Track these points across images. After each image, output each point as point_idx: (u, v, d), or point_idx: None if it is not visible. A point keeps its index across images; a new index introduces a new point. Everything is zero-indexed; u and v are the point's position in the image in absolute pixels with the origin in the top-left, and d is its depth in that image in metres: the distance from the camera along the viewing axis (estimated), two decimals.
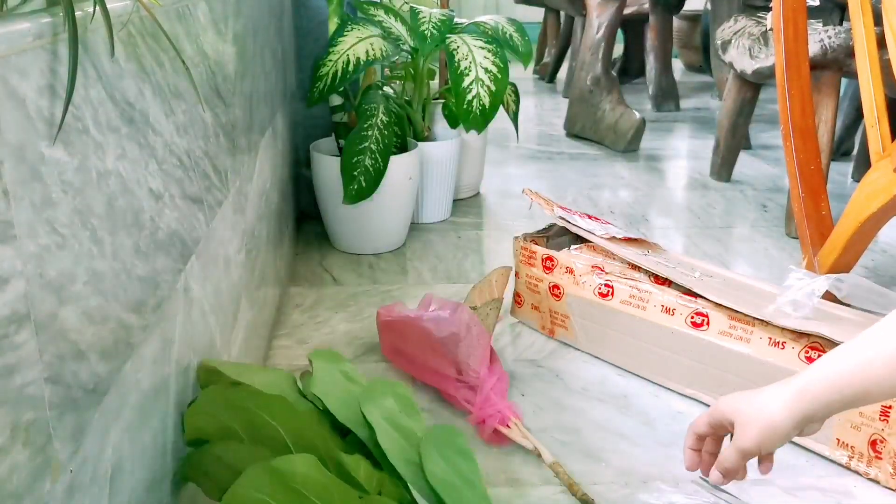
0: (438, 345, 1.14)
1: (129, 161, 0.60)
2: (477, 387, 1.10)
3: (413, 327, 1.19)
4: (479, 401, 1.08)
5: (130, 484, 0.60)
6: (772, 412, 0.73)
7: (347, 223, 1.72)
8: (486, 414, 1.07)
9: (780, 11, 1.54)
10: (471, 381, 1.11)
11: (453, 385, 1.13)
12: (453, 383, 1.13)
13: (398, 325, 1.23)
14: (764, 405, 0.74)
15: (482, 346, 1.13)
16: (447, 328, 1.13)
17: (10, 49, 0.43)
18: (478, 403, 1.08)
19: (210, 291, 0.87)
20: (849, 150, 2.53)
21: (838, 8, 2.13)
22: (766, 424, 0.73)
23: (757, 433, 0.74)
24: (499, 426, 1.07)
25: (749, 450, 0.75)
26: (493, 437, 1.07)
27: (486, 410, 1.07)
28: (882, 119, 1.28)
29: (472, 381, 1.11)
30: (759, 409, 0.74)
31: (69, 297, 0.49)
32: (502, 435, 1.07)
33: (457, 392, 1.12)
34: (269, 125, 1.39)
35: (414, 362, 1.21)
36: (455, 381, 1.13)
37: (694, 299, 1.19)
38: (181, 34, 0.78)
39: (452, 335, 1.12)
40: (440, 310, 1.18)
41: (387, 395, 0.83)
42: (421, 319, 1.18)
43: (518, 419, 1.07)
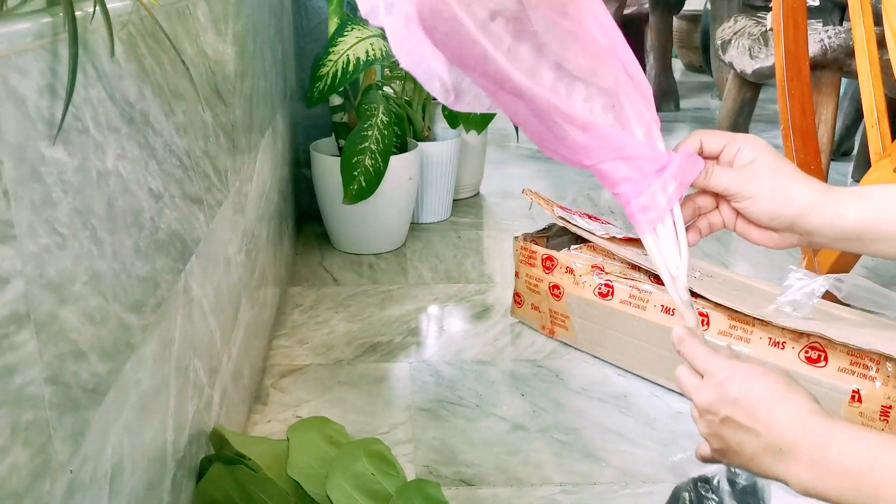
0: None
1: (129, 161, 0.60)
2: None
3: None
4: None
5: (130, 484, 0.60)
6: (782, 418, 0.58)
7: (347, 223, 1.72)
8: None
9: (780, 11, 1.54)
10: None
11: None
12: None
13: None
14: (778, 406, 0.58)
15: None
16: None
17: (10, 49, 0.43)
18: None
19: (210, 291, 0.87)
20: (849, 150, 2.53)
21: (838, 8, 2.13)
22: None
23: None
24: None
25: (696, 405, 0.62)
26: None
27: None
28: (882, 119, 1.28)
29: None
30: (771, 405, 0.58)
31: (69, 297, 0.49)
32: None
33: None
34: (269, 125, 1.39)
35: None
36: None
37: (694, 299, 1.19)
38: (181, 34, 0.78)
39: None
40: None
41: (358, 458, 0.85)
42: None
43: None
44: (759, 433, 0.58)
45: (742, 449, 0.60)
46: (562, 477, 1.02)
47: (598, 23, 0.59)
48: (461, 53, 0.58)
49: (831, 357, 1.06)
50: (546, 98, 0.59)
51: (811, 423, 0.56)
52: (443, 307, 1.50)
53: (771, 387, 0.59)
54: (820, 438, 0.55)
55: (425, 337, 1.39)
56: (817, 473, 0.54)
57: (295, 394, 1.20)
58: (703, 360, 0.63)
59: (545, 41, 0.58)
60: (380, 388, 1.22)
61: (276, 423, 1.12)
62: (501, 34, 0.58)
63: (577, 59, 0.59)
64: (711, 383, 0.61)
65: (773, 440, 0.57)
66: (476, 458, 1.05)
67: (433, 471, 1.03)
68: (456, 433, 1.11)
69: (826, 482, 0.54)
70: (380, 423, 1.13)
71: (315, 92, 1.62)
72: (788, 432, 0.56)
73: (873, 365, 1.03)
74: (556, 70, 0.59)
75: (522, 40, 0.58)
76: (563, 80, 0.60)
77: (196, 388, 0.81)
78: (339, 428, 0.93)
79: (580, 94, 0.60)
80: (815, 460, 0.54)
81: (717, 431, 0.61)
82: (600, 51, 0.59)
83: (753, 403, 0.59)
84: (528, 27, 0.58)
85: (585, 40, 0.59)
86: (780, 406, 0.58)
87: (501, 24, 0.57)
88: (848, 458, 0.53)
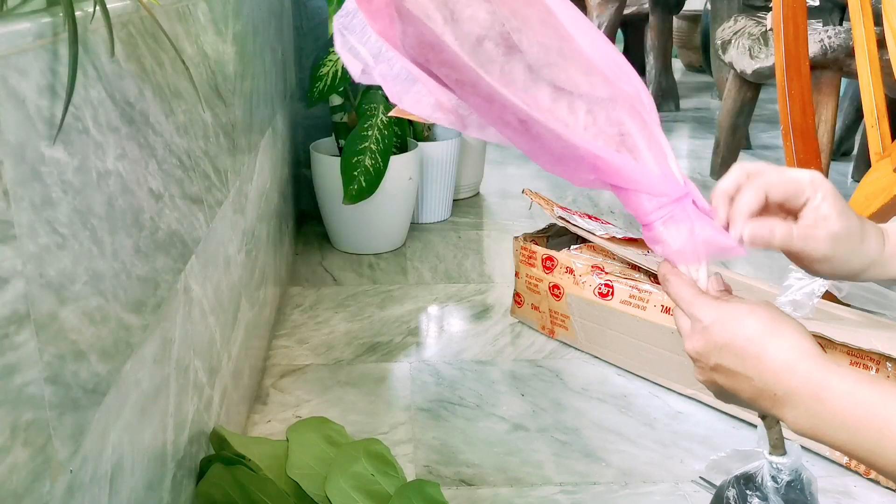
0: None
1: (129, 161, 0.60)
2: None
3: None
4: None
5: (130, 484, 0.60)
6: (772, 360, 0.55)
7: (347, 223, 1.72)
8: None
9: (780, 11, 1.54)
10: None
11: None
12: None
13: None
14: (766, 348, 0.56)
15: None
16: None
17: (10, 49, 0.43)
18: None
19: (210, 291, 0.87)
20: (849, 150, 2.53)
21: (838, 8, 2.13)
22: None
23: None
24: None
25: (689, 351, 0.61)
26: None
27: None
28: (882, 119, 1.28)
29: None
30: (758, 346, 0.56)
31: (69, 297, 0.49)
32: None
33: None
34: (269, 125, 1.39)
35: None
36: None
37: None
38: (181, 34, 0.78)
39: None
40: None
41: (358, 458, 0.85)
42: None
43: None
44: (751, 378, 0.57)
45: (738, 393, 0.59)
46: (562, 477, 1.02)
47: (588, 37, 0.58)
48: (455, 78, 0.57)
49: (831, 357, 1.06)
50: (545, 119, 0.57)
51: (805, 369, 0.54)
52: (443, 307, 1.50)
53: (756, 327, 0.57)
54: (815, 388, 0.54)
55: (425, 337, 1.39)
56: (815, 423, 0.54)
57: (295, 394, 1.20)
58: (687, 304, 0.61)
59: (538, 62, 0.57)
60: (380, 388, 1.22)
61: (276, 423, 1.12)
62: (492, 58, 0.56)
63: (574, 76, 0.58)
64: (697, 329, 0.60)
65: (766, 386, 0.56)
66: (476, 458, 1.05)
67: (433, 471, 1.03)
68: (456, 433, 1.11)
69: (825, 432, 0.54)
70: (380, 423, 1.13)
71: (315, 92, 1.62)
72: (782, 379, 0.55)
73: (873, 365, 1.03)
74: (553, 89, 0.58)
75: (514, 61, 0.57)
76: (562, 99, 0.58)
77: (196, 388, 0.81)
78: (339, 428, 0.93)
79: (581, 110, 0.59)
80: (811, 410, 0.54)
81: (711, 378, 0.60)
82: (596, 65, 0.58)
83: (741, 347, 0.57)
84: (518, 49, 0.57)
85: (579, 56, 0.57)
86: (770, 349, 0.56)
87: (491, 47, 0.56)
88: (846, 412, 0.52)
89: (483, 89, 0.57)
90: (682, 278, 0.62)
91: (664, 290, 0.63)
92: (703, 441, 1.08)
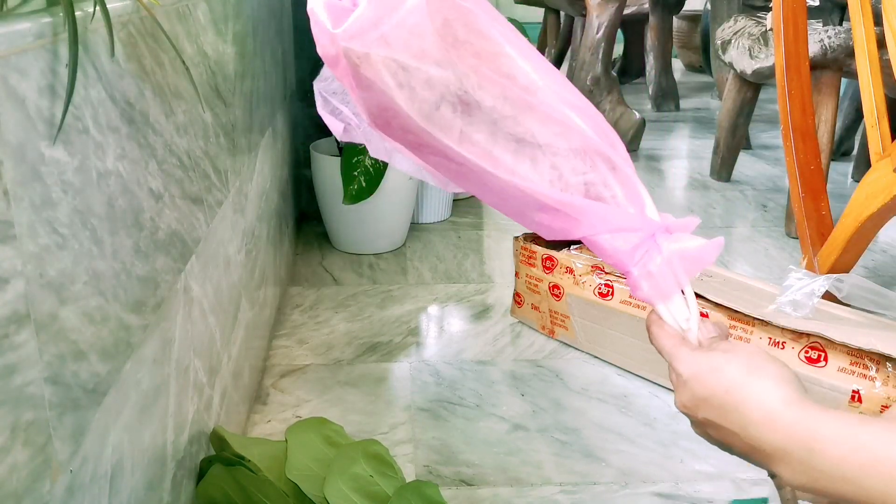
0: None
1: (129, 161, 0.60)
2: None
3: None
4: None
5: (130, 484, 0.60)
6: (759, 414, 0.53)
7: (347, 223, 1.72)
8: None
9: (780, 11, 1.54)
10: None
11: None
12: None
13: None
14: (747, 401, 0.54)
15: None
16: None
17: (10, 49, 0.43)
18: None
19: (210, 291, 0.87)
20: (849, 150, 2.53)
21: (838, 8, 2.13)
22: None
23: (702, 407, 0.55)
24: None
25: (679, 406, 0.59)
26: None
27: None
28: (882, 119, 1.28)
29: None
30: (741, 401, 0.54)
31: (69, 297, 0.49)
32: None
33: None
34: (269, 125, 1.39)
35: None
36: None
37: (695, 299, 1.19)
38: (181, 34, 0.78)
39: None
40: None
41: (356, 460, 0.85)
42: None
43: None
44: (737, 433, 0.54)
45: (731, 447, 0.56)
46: (562, 477, 1.02)
47: (553, 87, 0.57)
48: (418, 144, 0.57)
49: (831, 357, 1.06)
50: (510, 177, 0.56)
51: (789, 419, 0.51)
52: (443, 307, 1.50)
53: (734, 376, 0.54)
54: (804, 439, 0.50)
55: (425, 337, 1.39)
56: (813, 477, 0.50)
57: (295, 394, 1.20)
58: (669, 357, 0.59)
59: (497, 118, 0.56)
60: (380, 388, 1.22)
61: (276, 423, 1.12)
62: (451, 122, 0.55)
63: (536, 127, 0.56)
64: (681, 383, 0.58)
65: (753, 441, 0.53)
66: (476, 458, 1.05)
67: (433, 471, 1.03)
68: (456, 433, 1.11)
69: (825, 486, 0.50)
70: (380, 423, 1.13)
71: None
72: (767, 433, 0.52)
73: (873, 365, 1.03)
74: (516, 143, 0.56)
75: (474, 121, 0.56)
76: (525, 152, 0.57)
77: (196, 388, 0.81)
78: (338, 428, 0.93)
79: (545, 163, 0.57)
80: (806, 464, 0.50)
81: (704, 431, 0.58)
82: (559, 113, 0.57)
83: (721, 400, 0.54)
84: (477, 109, 0.55)
85: (540, 106, 0.56)
86: (750, 400, 0.53)
87: (448, 111, 0.55)
88: (843, 461, 0.48)
89: (444, 153, 0.56)
90: (663, 330, 0.60)
91: (650, 341, 0.61)
92: (704, 441, 1.08)
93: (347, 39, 0.52)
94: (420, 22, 0.52)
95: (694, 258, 0.59)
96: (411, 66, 0.53)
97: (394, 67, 0.53)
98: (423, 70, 0.53)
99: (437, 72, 0.54)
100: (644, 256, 0.59)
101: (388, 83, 0.53)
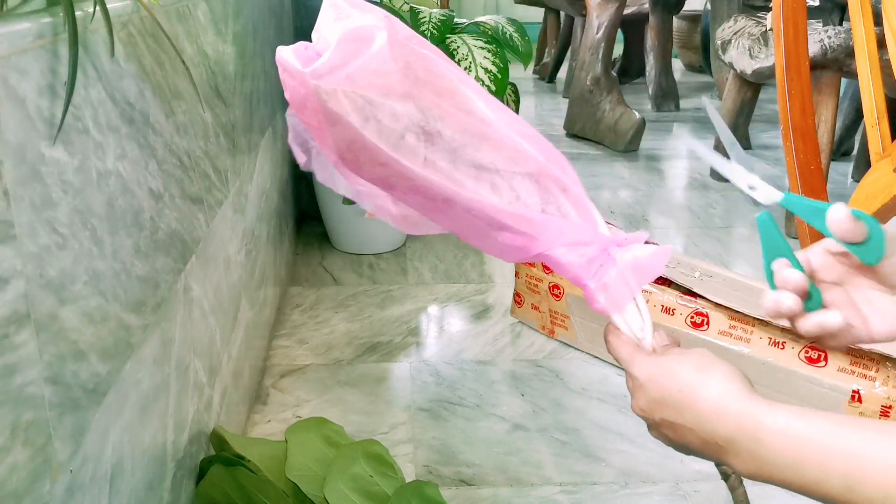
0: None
1: (130, 161, 0.60)
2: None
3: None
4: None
5: (130, 484, 0.60)
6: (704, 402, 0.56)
7: (347, 223, 1.72)
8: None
9: (780, 11, 1.54)
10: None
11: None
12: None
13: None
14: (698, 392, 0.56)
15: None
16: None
17: (10, 49, 0.43)
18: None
19: (210, 291, 0.87)
20: (849, 150, 2.53)
21: (838, 8, 2.13)
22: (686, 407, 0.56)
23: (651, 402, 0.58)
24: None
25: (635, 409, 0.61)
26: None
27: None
28: (882, 119, 1.28)
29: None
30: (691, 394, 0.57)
31: (69, 297, 0.49)
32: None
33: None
34: (269, 125, 1.39)
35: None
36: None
37: (694, 299, 1.19)
38: (181, 34, 0.78)
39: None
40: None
41: (356, 460, 0.85)
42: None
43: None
44: (692, 429, 0.57)
45: (687, 445, 0.59)
46: (562, 477, 1.02)
47: (505, 119, 0.62)
48: (385, 176, 0.60)
49: (831, 357, 1.06)
50: (472, 199, 0.60)
51: (736, 411, 0.54)
52: (443, 307, 1.50)
53: (686, 375, 0.57)
54: (751, 430, 0.53)
55: (425, 337, 1.39)
56: (760, 466, 0.53)
57: (295, 394, 1.20)
58: (625, 363, 0.62)
59: (457, 146, 0.61)
60: (380, 388, 1.22)
61: (276, 423, 1.12)
62: (415, 149, 0.59)
63: (492, 154, 0.62)
64: (637, 387, 0.60)
65: (707, 435, 0.56)
66: (476, 458, 1.05)
67: (433, 471, 1.03)
68: (456, 433, 1.11)
69: (771, 474, 0.53)
70: (380, 423, 1.13)
71: None
72: (718, 426, 0.55)
73: (873, 365, 1.03)
74: (476, 170, 0.61)
75: (436, 151, 0.60)
76: (485, 178, 0.62)
77: (196, 388, 0.81)
78: (338, 428, 0.93)
79: (504, 187, 0.62)
80: (754, 454, 0.53)
81: (661, 433, 0.61)
82: (512, 141, 0.62)
83: (675, 399, 0.57)
84: (439, 137, 0.60)
85: (495, 136, 0.62)
86: (701, 395, 0.56)
87: (412, 139, 0.59)
88: (785, 450, 0.52)
89: (411, 181, 0.60)
90: (620, 338, 0.63)
91: (607, 350, 0.64)
92: None
93: (317, 78, 0.56)
94: (384, 63, 0.57)
95: (645, 267, 0.62)
96: (377, 100, 0.57)
97: (360, 102, 0.57)
98: (388, 104, 0.58)
99: (401, 105, 0.58)
100: (599, 270, 0.62)
101: (355, 117, 0.57)
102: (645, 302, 0.63)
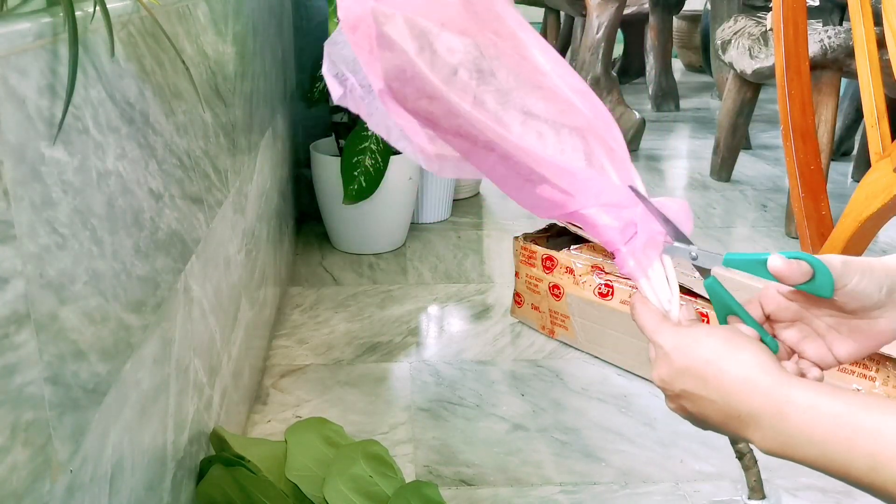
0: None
1: (129, 161, 0.60)
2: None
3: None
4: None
5: (130, 484, 0.60)
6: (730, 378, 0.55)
7: (347, 223, 1.72)
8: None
9: (780, 11, 1.54)
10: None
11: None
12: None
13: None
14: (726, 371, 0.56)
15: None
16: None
17: (10, 49, 0.43)
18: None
19: (210, 291, 0.87)
20: (849, 150, 2.53)
21: (838, 8, 2.13)
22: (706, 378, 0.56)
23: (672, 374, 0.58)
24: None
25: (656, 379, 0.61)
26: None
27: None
28: (882, 119, 1.28)
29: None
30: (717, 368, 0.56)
31: (69, 297, 0.49)
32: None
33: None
34: (269, 125, 1.39)
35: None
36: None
37: (694, 299, 1.19)
38: (181, 34, 0.78)
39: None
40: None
41: (356, 460, 0.85)
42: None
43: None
44: (714, 401, 0.56)
45: (707, 418, 0.58)
46: (562, 477, 1.02)
47: (559, 70, 0.60)
48: (430, 111, 0.58)
49: None
50: (516, 145, 0.59)
51: (765, 385, 0.54)
52: (443, 307, 1.50)
53: (715, 347, 0.57)
54: (778, 404, 0.53)
55: (425, 337, 1.39)
56: (782, 441, 0.52)
57: (295, 394, 1.20)
58: (651, 332, 0.61)
59: (509, 89, 0.59)
60: (380, 388, 1.22)
61: (276, 423, 1.12)
62: (466, 86, 0.58)
63: (543, 104, 0.60)
64: (661, 356, 0.60)
65: (730, 408, 0.55)
66: (476, 458, 1.05)
67: (433, 471, 1.03)
68: (456, 433, 1.11)
69: (794, 449, 0.52)
70: (380, 423, 1.13)
71: (315, 91, 1.62)
72: (744, 398, 0.54)
73: (873, 365, 1.03)
74: (524, 116, 0.60)
75: (487, 90, 0.59)
76: (532, 125, 0.60)
77: (196, 388, 0.81)
78: (338, 428, 0.93)
79: (550, 138, 0.60)
80: (777, 428, 0.52)
81: (679, 405, 0.60)
82: (564, 94, 0.60)
83: (701, 370, 0.57)
84: (492, 77, 0.59)
85: (548, 85, 0.60)
86: (729, 367, 0.56)
87: (465, 76, 0.58)
88: (811, 426, 0.51)
89: (455, 118, 0.58)
90: (647, 307, 0.62)
91: (633, 319, 0.63)
92: (703, 441, 1.08)
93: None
94: None
95: (680, 220, 0.62)
96: (434, 31, 0.56)
97: (417, 30, 0.55)
98: (445, 37, 0.56)
99: (459, 40, 0.57)
100: (633, 236, 0.61)
101: (411, 45, 0.55)
102: (675, 276, 0.62)
